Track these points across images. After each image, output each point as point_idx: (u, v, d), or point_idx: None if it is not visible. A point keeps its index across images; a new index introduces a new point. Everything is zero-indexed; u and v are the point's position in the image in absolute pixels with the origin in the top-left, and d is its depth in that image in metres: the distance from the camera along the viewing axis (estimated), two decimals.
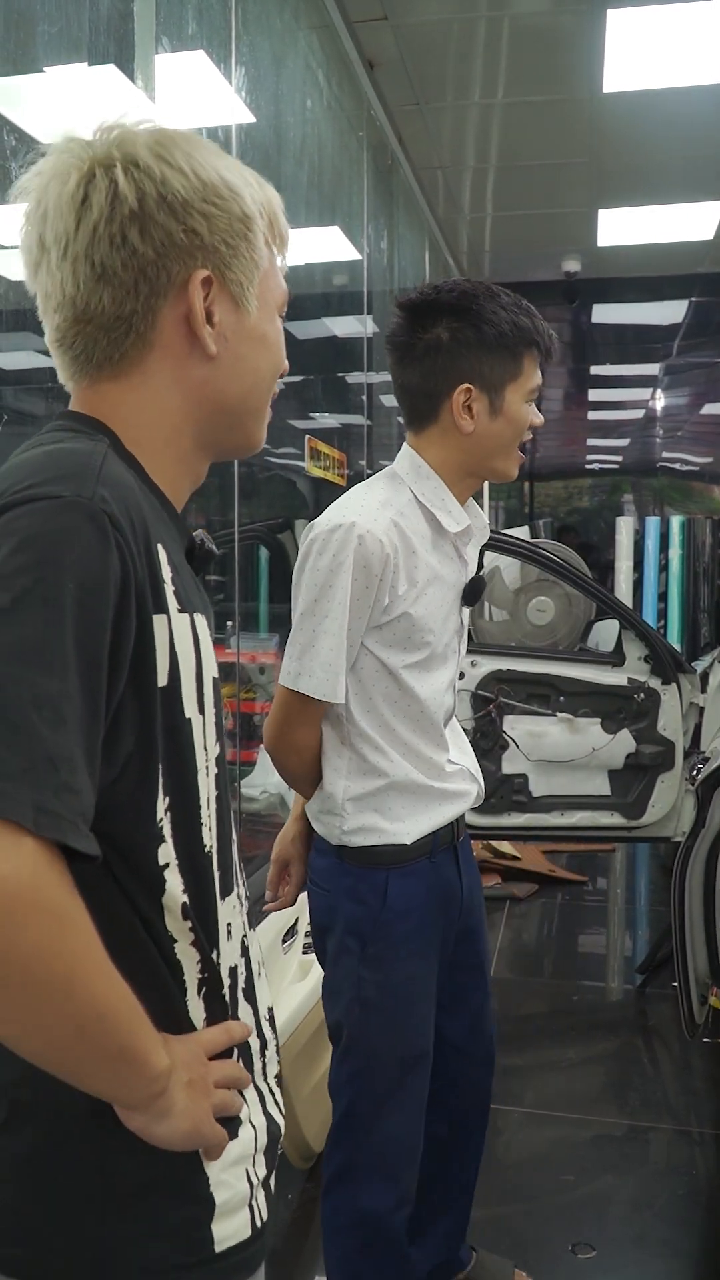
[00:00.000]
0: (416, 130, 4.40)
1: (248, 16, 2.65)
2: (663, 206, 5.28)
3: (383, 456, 4.89)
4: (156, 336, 0.83)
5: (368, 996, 1.58)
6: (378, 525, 1.46)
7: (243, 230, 0.84)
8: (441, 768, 1.60)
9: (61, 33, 1.81)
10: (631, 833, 3.77)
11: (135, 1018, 0.72)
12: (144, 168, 0.80)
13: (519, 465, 1.60)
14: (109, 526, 0.71)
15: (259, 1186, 0.87)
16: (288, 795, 4.13)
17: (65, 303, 0.82)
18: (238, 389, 0.87)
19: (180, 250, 0.82)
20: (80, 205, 0.80)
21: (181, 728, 0.79)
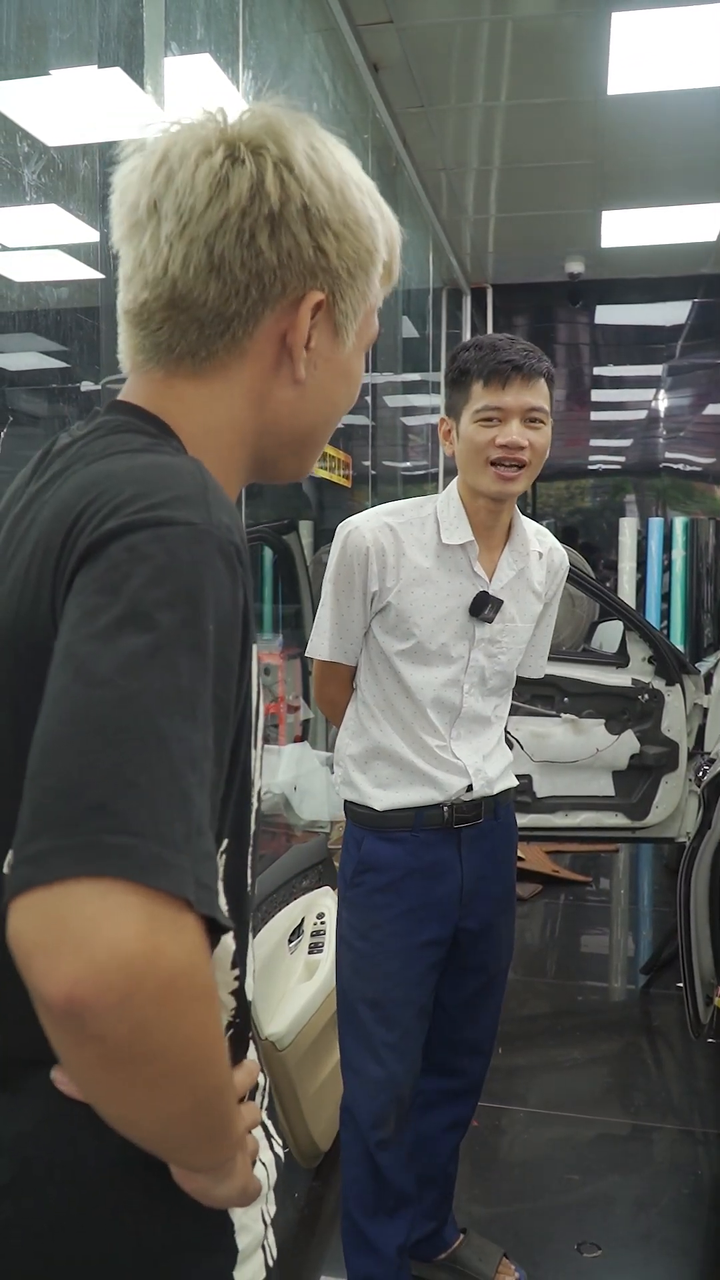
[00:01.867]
0: (421, 132, 4.41)
1: (255, 20, 2.66)
2: (666, 208, 5.29)
3: (386, 457, 4.90)
4: (251, 345, 0.77)
5: (343, 934, 1.84)
6: (368, 525, 1.73)
7: (366, 262, 0.80)
8: (431, 750, 1.76)
9: (73, 39, 1.82)
10: (635, 833, 3.78)
11: (234, 1089, 0.69)
12: (297, 171, 0.74)
13: (502, 482, 1.68)
14: (235, 560, 0.66)
15: (269, 1226, 0.83)
16: (292, 796, 4.15)
17: (164, 280, 0.75)
18: (312, 418, 0.83)
19: (304, 265, 0.76)
20: (218, 186, 0.73)
21: (244, 763, 0.73)
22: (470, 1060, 1.98)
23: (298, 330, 0.77)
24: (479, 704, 1.80)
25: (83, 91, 2.08)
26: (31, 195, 2.16)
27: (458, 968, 1.88)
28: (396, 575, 1.71)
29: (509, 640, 1.80)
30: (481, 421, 1.67)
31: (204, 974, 0.58)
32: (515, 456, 1.67)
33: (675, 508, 6.93)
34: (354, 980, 1.81)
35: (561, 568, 1.92)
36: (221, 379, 0.77)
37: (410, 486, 5.87)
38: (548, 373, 1.71)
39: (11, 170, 1.73)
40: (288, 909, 2.65)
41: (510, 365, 1.65)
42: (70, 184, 1.95)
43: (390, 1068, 1.79)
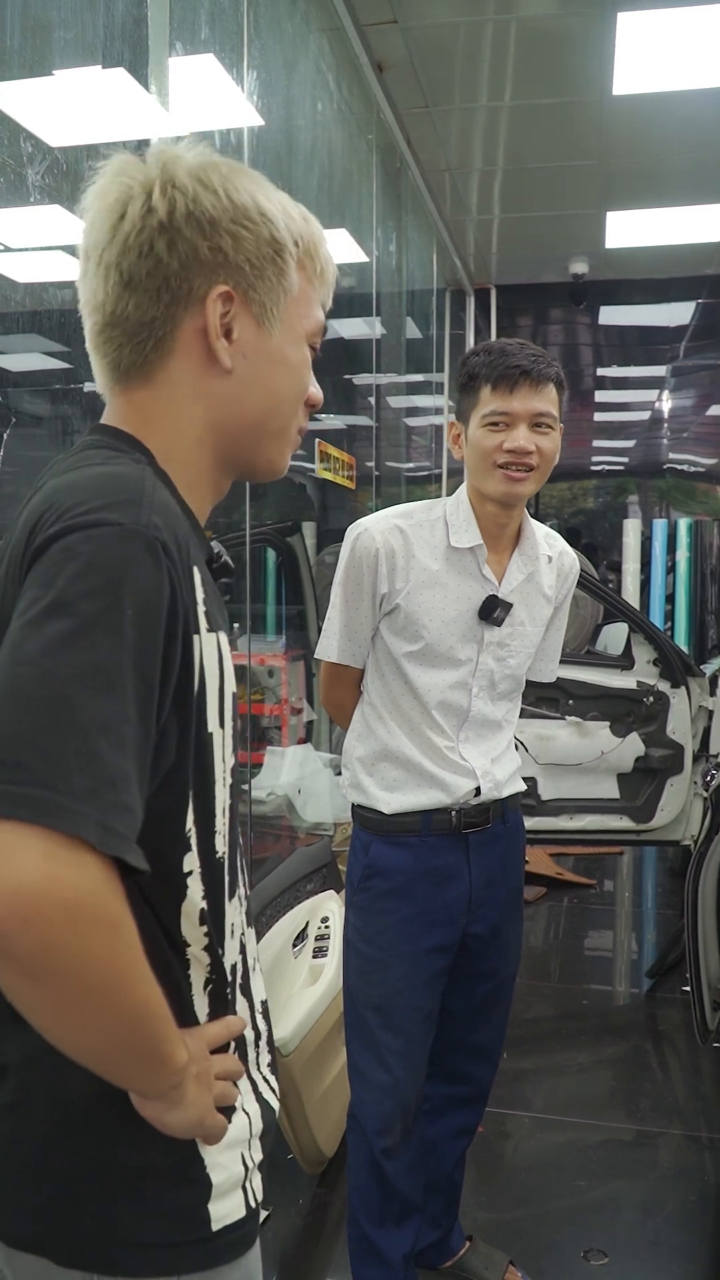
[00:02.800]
0: (425, 133, 4.39)
1: (260, 20, 2.65)
2: (671, 209, 5.27)
3: (389, 459, 4.88)
4: (177, 345, 0.86)
5: (349, 938, 1.83)
6: (378, 527, 1.73)
7: (270, 254, 0.87)
8: (440, 751, 1.76)
9: (77, 38, 1.81)
10: (640, 836, 3.77)
11: (167, 1018, 0.77)
12: (179, 186, 0.84)
13: (510, 484, 1.68)
14: (161, 554, 0.75)
15: (254, 1170, 0.92)
16: (295, 798, 4.13)
17: (97, 308, 0.87)
18: (256, 407, 0.90)
19: (204, 265, 0.85)
20: (117, 218, 0.84)
21: (206, 741, 0.83)
22: (478, 1066, 1.97)
23: (209, 323, 0.86)
24: (487, 707, 1.79)
25: (86, 91, 2.07)
26: (35, 196, 2.15)
27: (466, 974, 1.87)
28: (406, 577, 1.71)
29: (518, 644, 1.80)
30: (489, 426, 1.68)
31: (108, 904, 0.68)
32: (522, 461, 1.67)
33: (679, 509, 6.92)
34: (360, 985, 1.81)
35: (572, 572, 1.91)
36: (164, 381, 0.87)
37: (414, 488, 5.85)
38: (557, 378, 1.71)
39: (15, 171, 1.72)
40: (292, 913, 2.64)
41: (518, 370, 1.66)
42: (74, 184, 1.94)
43: (396, 1074, 1.78)
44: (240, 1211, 0.89)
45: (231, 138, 2.49)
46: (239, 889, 0.93)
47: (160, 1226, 0.85)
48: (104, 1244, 0.84)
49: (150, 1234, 0.84)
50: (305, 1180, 2.40)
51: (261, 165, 2.69)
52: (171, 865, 0.82)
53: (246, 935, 0.97)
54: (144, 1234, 0.84)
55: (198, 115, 2.36)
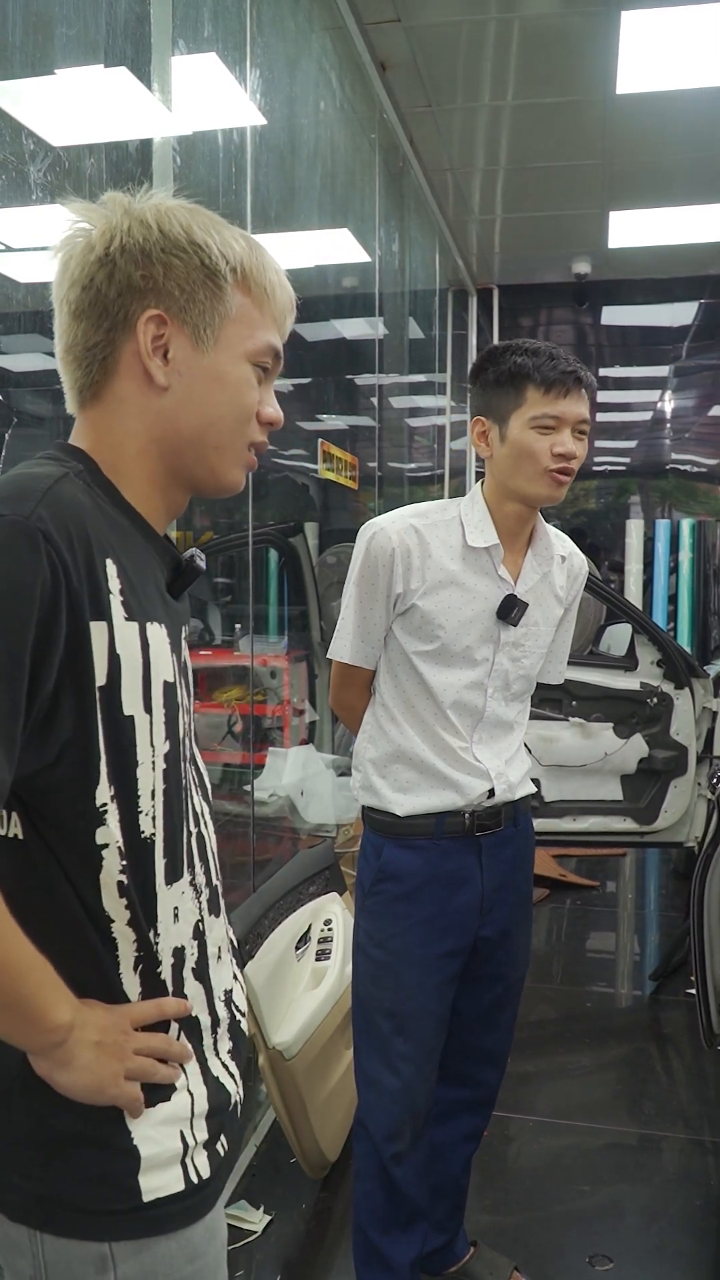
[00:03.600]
0: (428, 132, 4.38)
1: (263, 18, 2.63)
2: (674, 209, 5.25)
3: (391, 459, 4.87)
4: (118, 367, 0.94)
5: (360, 942, 1.82)
6: (394, 526, 1.73)
7: (202, 279, 0.94)
8: (455, 752, 1.75)
9: (80, 36, 1.79)
10: (644, 838, 3.75)
11: (33, 974, 0.83)
12: (113, 223, 0.93)
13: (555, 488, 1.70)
14: (41, 541, 0.81)
15: (198, 1148, 0.95)
16: (297, 800, 4.12)
17: (58, 338, 0.97)
18: (193, 422, 0.96)
19: (137, 292, 0.93)
20: (66, 259, 0.95)
21: (123, 724, 0.89)
22: (486, 1070, 1.96)
23: (140, 343, 0.93)
24: (501, 708, 1.79)
25: (88, 90, 2.05)
26: (37, 194, 2.14)
27: (475, 977, 1.86)
28: (422, 577, 1.71)
29: (532, 644, 1.80)
30: (538, 429, 1.68)
31: None
32: (568, 465, 1.69)
33: (680, 509, 6.90)
34: (371, 990, 1.80)
35: (581, 573, 1.92)
36: (110, 399, 0.95)
37: (415, 488, 5.84)
38: (594, 390, 1.75)
39: (16, 169, 1.71)
40: (295, 915, 2.63)
41: (572, 376, 1.68)
42: (76, 184, 1.93)
43: (407, 1080, 1.77)
44: (178, 1185, 0.93)
45: (235, 137, 2.47)
46: (188, 875, 0.97)
47: (91, 1191, 0.90)
48: (42, 1204, 0.90)
49: (82, 1198, 0.90)
50: (308, 1185, 2.39)
51: (264, 165, 2.68)
52: (83, 836, 0.88)
53: (207, 923, 1.00)
54: (76, 1197, 0.90)
55: (200, 114, 2.35)
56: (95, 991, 0.90)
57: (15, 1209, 0.92)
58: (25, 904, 0.84)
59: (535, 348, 1.71)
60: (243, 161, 2.49)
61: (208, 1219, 0.97)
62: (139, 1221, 0.92)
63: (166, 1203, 0.92)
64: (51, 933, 0.87)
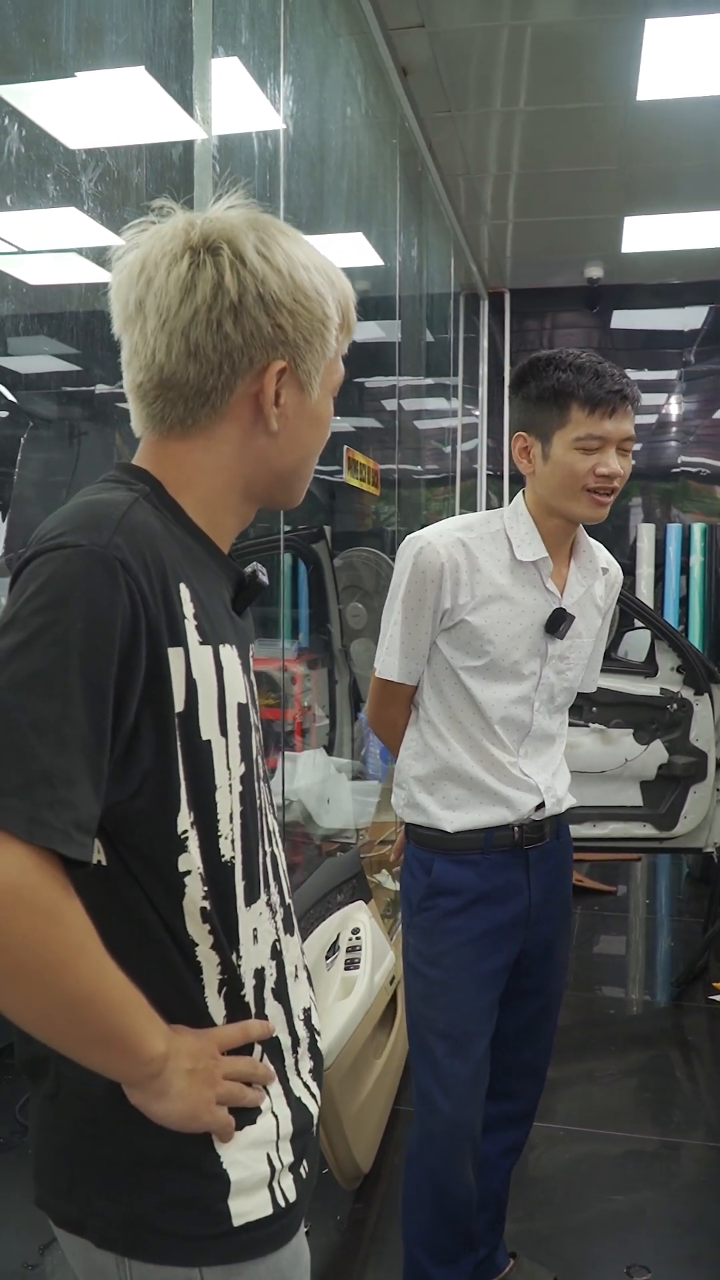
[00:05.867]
0: (447, 137, 4.38)
1: (295, 25, 2.63)
2: (688, 214, 5.25)
3: (408, 461, 4.87)
4: (228, 410, 0.93)
5: (410, 961, 1.79)
6: (441, 540, 1.69)
7: (320, 329, 0.94)
8: (504, 767, 1.73)
9: (128, 42, 1.79)
10: (663, 844, 3.75)
11: (128, 1006, 0.82)
12: (249, 265, 0.90)
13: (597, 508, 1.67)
14: (120, 570, 0.80)
15: (284, 1170, 0.94)
16: (310, 805, 4.11)
17: (153, 366, 0.92)
18: (291, 460, 0.98)
19: (266, 341, 0.92)
20: (187, 288, 0.90)
21: (201, 749, 0.88)
22: (527, 1083, 1.95)
23: (265, 394, 0.93)
24: (546, 721, 1.78)
25: (131, 94, 2.05)
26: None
27: (518, 991, 1.85)
28: (471, 592, 1.69)
29: (576, 656, 1.78)
30: (581, 450, 1.65)
31: (39, 892, 0.75)
32: (611, 485, 1.66)
33: (688, 512, 6.90)
34: (425, 1010, 1.77)
35: (618, 581, 1.91)
36: (204, 438, 0.93)
37: (429, 490, 5.84)
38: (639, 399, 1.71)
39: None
40: (323, 925, 2.62)
41: (618, 395, 1.63)
42: (122, 187, 1.92)
43: (463, 1104, 1.74)
44: (266, 1210, 0.92)
45: (269, 143, 2.47)
46: (264, 895, 0.96)
47: (180, 1217, 0.89)
48: (130, 1230, 0.89)
49: (171, 1223, 0.89)
50: (342, 1195, 2.38)
51: (295, 171, 2.67)
52: (166, 864, 0.87)
53: (283, 943, 1.00)
54: (165, 1223, 0.89)
55: (238, 119, 2.35)
56: (182, 1016, 0.89)
57: (101, 1235, 0.90)
58: (111, 931, 0.83)
59: (580, 363, 1.66)
60: (276, 167, 2.49)
61: (293, 1243, 0.96)
62: (229, 1246, 0.90)
63: (255, 1227, 0.91)
64: (138, 959, 0.86)
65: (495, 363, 6.68)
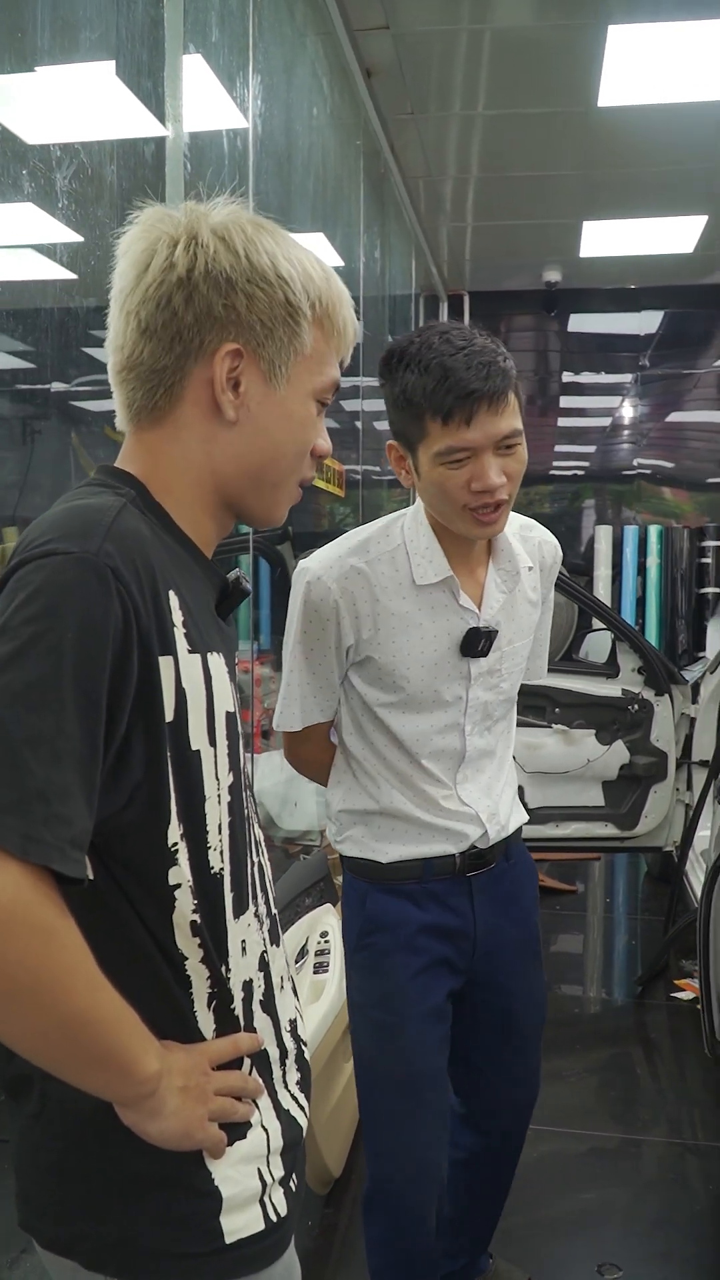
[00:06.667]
0: (410, 139, 4.39)
1: (263, 24, 2.61)
2: (646, 220, 5.32)
3: (369, 462, 4.87)
4: (186, 393, 0.91)
5: (356, 1001, 1.65)
6: (331, 573, 1.49)
7: (284, 316, 0.91)
8: (437, 803, 1.57)
9: (101, 38, 1.76)
10: (624, 843, 3.79)
11: (123, 1025, 0.80)
12: (202, 243, 0.89)
13: (483, 527, 1.45)
14: (111, 579, 0.78)
15: (275, 1185, 0.93)
16: (272, 807, 4.09)
17: (117, 350, 0.93)
18: (257, 457, 0.94)
19: (217, 321, 0.90)
20: (142, 269, 0.90)
21: (190, 760, 0.86)
22: (508, 1119, 1.83)
23: (216, 376, 0.90)
24: (481, 740, 1.60)
25: (101, 90, 2.02)
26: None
27: (483, 1026, 1.71)
28: (374, 625, 1.49)
29: (509, 665, 1.59)
30: (446, 465, 1.39)
31: (34, 910, 0.73)
32: (495, 498, 1.41)
33: (640, 513, 6.98)
34: (375, 1054, 1.64)
35: (554, 560, 1.66)
36: (172, 424, 0.92)
37: (387, 490, 5.85)
38: (514, 383, 1.40)
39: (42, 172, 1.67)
40: (292, 929, 2.61)
41: (473, 397, 1.34)
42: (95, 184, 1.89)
43: (427, 1147, 1.64)
44: (258, 1225, 0.91)
45: (238, 141, 2.45)
46: (253, 906, 0.95)
47: (172, 1235, 0.87)
48: (121, 1250, 0.87)
49: (163, 1242, 0.87)
50: (314, 1201, 2.37)
51: (264, 171, 2.66)
52: (156, 877, 0.86)
53: (270, 953, 0.98)
54: (157, 1241, 0.87)
55: (207, 117, 2.33)
56: (172, 1031, 0.88)
57: (90, 1256, 0.88)
58: (100, 947, 0.81)
59: (427, 360, 1.36)
60: (245, 166, 2.47)
61: (285, 1258, 0.96)
62: (222, 1264, 0.89)
63: (248, 1243, 0.90)
64: (127, 974, 0.84)
65: None
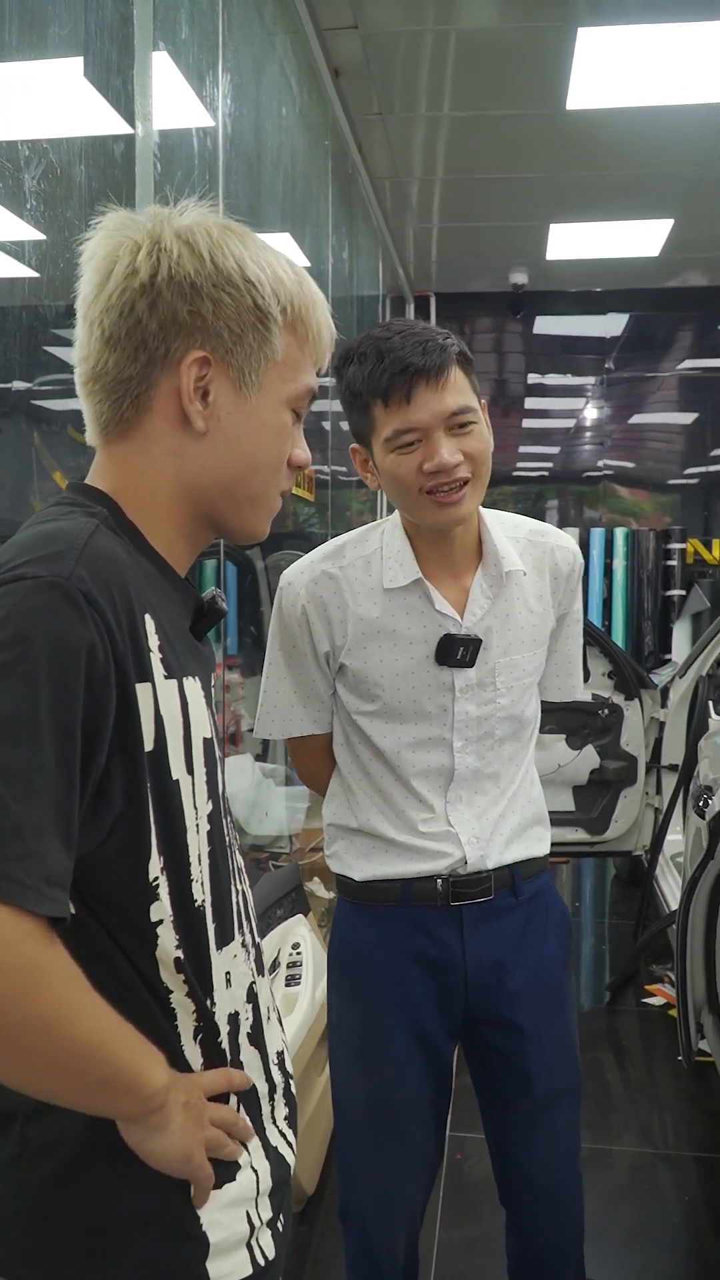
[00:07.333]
0: (377, 139, 4.35)
1: (233, 21, 2.57)
2: (613, 223, 5.33)
3: (337, 462, 4.83)
4: (153, 404, 0.88)
5: (331, 1022, 1.62)
6: (302, 579, 1.49)
7: (252, 321, 0.88)
8: (414, 825, 1.50)
9: (71, 35, 1.71)
10: (594, 848, 3.79)
11: (124, 1045, 0.78)
12: (165, 248, 0.85)
13: (445, 509, 1.38)
14: (84, 604, 0.75)
15: (263, 1227, 0.90)
16: (245, 814, 4.04)
17: (83, 359, 0.89)
18: (229, 470, 0.90)
19: (182, 329, 0.86)
20: (104, 276, 0.87)
21: (171, 790, 0.83)
22: (544, 1213, 1.62)
23: (182, 385, 0.87)
24: (478, 760, 1.50)
25: (69, 88, 1.97)
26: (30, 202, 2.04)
27: (493, 1091, 1.60)
28: (345, 632, 1.46)
29: (508, 678, 1.48)
30: (397, 451, 1.36)
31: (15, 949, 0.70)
32: (452, 478, 1.36)
33: (601, 512, 7.01)
34: (348, 1079, 1.59)
35: (573, 568, 1.56)
36: (141, 437, 0.88)
37: (354, 492, 5.82)
38: (460, 356, 1.35)
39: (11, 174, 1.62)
40: (264, 941, 2.57)
41: (410, 371, 1.31)
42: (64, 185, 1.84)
43: (393, 1179, 1.58)
44: (245, 1270, 0.88)
45: (208, 140, 2.41)
46: (238, 937, 0.93)
47: None
48: None
49: None
50: None
51: (234, 170, 2.61)
52: (138, 913, 0.83)
53: (258, 985, 0.96)
54: None
55: (177, 115, 2.28)
56: (168, 1050, 0.85)
57: None
58: (87, 978, 0.78)
59: (367, 349, 1.35)
60: (215, 166, 2.43)
61: None
62: None
63: None
64: (114, 1006, 0.81)
65: None
